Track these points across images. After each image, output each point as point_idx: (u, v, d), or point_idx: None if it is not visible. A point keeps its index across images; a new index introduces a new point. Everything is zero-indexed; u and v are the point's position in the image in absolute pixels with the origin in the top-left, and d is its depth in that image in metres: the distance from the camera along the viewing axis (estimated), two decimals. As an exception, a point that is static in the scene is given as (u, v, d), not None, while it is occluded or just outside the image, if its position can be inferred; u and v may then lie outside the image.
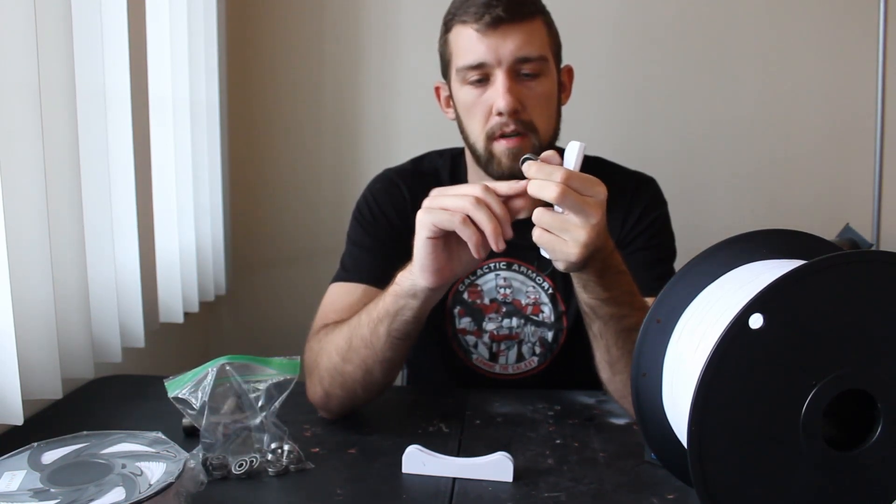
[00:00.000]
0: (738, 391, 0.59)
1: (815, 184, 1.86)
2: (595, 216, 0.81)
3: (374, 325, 0.92)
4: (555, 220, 0.82)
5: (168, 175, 1.46)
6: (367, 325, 0.93)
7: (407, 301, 0.90)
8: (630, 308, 0.90)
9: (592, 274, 0.87)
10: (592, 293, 0.89)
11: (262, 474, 0.84)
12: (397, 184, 1.18)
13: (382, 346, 0.92)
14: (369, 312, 0.93)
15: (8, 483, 0.69)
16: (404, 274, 0.90)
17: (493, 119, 1.05)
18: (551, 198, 0.80)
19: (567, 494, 0.80)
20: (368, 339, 0.93)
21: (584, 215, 0.81)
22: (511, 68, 1.03)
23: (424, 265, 0.87)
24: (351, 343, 0.94)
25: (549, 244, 0.83)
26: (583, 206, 0.80)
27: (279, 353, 0.92)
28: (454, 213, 0.82)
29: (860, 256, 0.61)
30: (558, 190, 0.79)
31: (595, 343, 0.94)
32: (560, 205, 0.81)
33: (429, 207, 0.85)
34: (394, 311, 0.91)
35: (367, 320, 0.93)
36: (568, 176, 0.80)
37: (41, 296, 0.96)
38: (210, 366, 0.85)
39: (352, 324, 0.95)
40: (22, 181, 0.93)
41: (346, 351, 0.94)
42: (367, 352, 0.93)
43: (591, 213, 0.81)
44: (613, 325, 0.90)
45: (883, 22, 1.78)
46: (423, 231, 0.85)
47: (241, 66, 1.87)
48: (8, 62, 0.89)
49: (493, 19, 1.01)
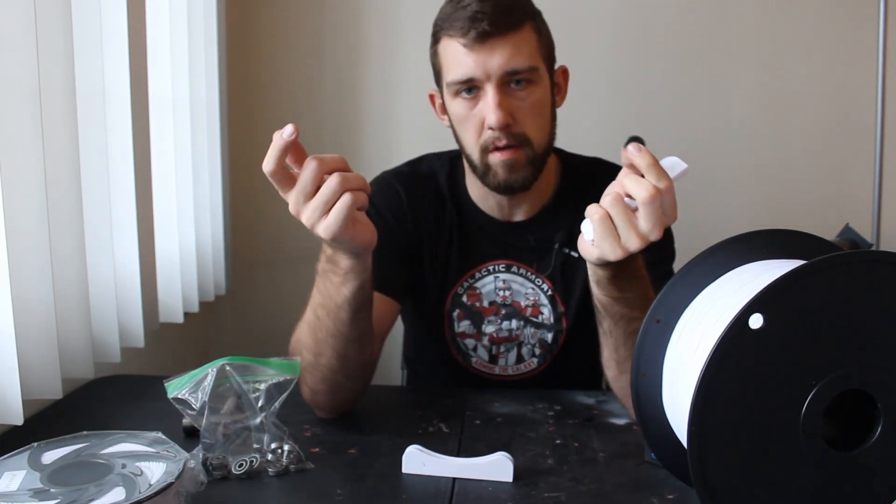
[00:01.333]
0: (738, 391, 0.59)
1: (815, 184, 1.86)
2: (657, 234, 0.80)
3: (335, 315, 0.90)
4: (625, 213, 0.81)
5: (168, 175, 1.46)
6: (326, 317, 0.91)
7: (361, 277, 0.88)
8: (642, 311, 0.88)
9: (610, 272, 0.87)
10: (605, 290, 0.89)
11: (262, 474, 0.84)
12: (394, 186, 1.18)
13: (348, 328, 0.91)
14: (325, 307, 0.91)
15: (8, 483, 0.69)
16: (340, 260, 0.87)
17: (485, 132, 1.04)
18: (648, 193, 0.78)
19: (567, 494, 0.80)
20: (333, 328, 0.91)
21: (652, 227, 0.80)
22: (500, 81, 1.01)
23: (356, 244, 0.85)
24: (317, 337, 0.93)
25: (602, 230, 0.82)
26: (658, 221, 0.80)
27: (279, 353, 0.92)
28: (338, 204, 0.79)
29: (860, 256, 0.61)
30: (654, 190, 0.79)
31: (604, 340, 0.93)
32: (646, 205, 0.79)
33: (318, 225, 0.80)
34: (352, 294, 0.89)
35: (325, 314, 0.91)
36: (670, 187, 0.80)
37: (41, 296, 0.96)
38: (209, 367, 0.85)
39: (310, 322, 0.94)
40: (22, 181, 0.93)
41: (315, 345, 0.94)
42: (336, 340, 0.92)
43: (656, 228, 0.80)
44: (623, 326, 0.90)
45: (883, 22, 1.78)
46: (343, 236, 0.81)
47: (241, 66, 1.87)
48: (8, 62, 0.89)
49: (479, 34, 0.99)
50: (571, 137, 1.25)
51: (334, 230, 0.80)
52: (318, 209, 0.80)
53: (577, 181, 1.18)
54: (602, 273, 0.87)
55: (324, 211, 0.80)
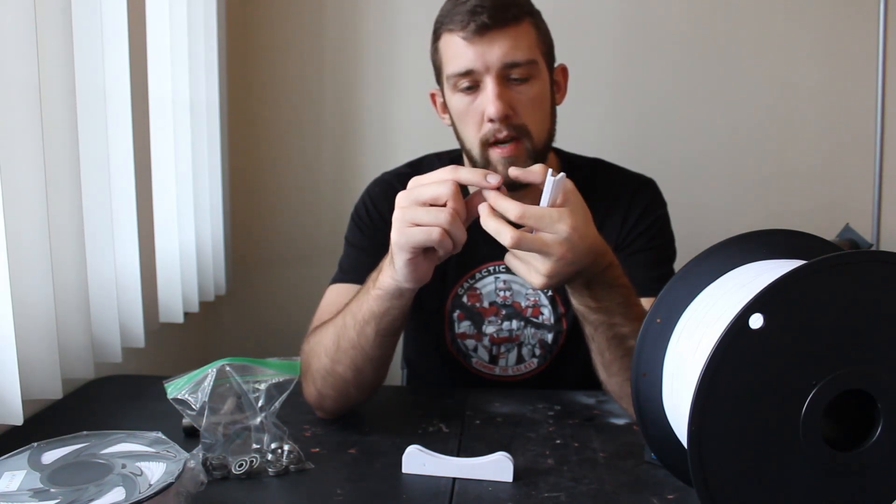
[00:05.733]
0: (738, 391, 0.59)
1: (815, 184, 1.86)
2: (556, 253, 0.80)
3: (360, 327, 0.92)
4: (514, 254, 0.84)
5: (168, 175, 1.46)
6: (352, 327, 0.92)
7: (392, 302, 0.89)
8: (623, 318, 0.89)
9: (578, 286, 0.87)
10: (580, 300, 0.89)
11: (262, 474, 0.84)
12: (395, 187, 1.17)
13: (371, 346, 0.92)
14: (353, 315, 0.92)
15: (8, 483, 0.69)
16: (385, 276, 0.89)
17: (485, 125, 1.04)
18: (507, 244, 0.80)
19: (567, 494, 0.80)
20: (356, 340, 0.92)
21: (544, 254, 0.81)
22: (500, 74, 1.02)
23: (411, 277, 0.86)
24: (339, 345, 0.94)
25: (517, 269, 0.85)
26: (540, 247, 0.80)
27: (279, 353, 0.92)
28: (431, 229, 0.81)
29: (860, 256, 0.61)
30: (512, 238, 0.79)
31: (590, 344, 0.94)
32: (517, 248, 0.81)
33: (402, 228, 0.82)
34: (380, 313, 0.90)
35: (353, 322, 0.92)
36: (522, 214, 0.80)
37: (41, 296, 0.96)
38: (209, 367, 0.85)
39: (337, 325, 0.95)
40: (22, 181, 0.93)
41: (335, 352, 0.94)
42: (356, 352, 0.93)
43: (551, 252, 0.80)
44: (604, 332, 0.90)
45: (883, 22, 1.78)
46: (403, 254, 0.83)
47: (241, 66, 1.87)
48: (8, 62, 0.89)
49: (478, 27, 1.00)
50: (572, 138, 1.25)
51: (411, 242, 0.81)
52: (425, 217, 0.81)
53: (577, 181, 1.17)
54: (571, 287, 0.88)
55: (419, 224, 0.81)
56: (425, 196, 0.82)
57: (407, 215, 0.82)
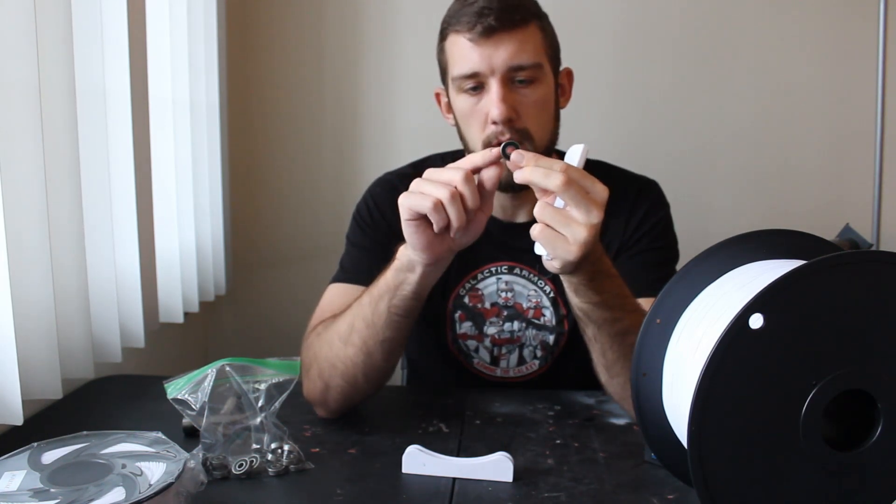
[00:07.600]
0: (738, 391, 0.59)
1: (814, 184, 1.86)
2: (596, 214, 0.81)
3: (375, 303, 0.93)
4: (557, 214, 0.82)
5: (168, 175, 1.46)
6: (368, 304, 0.94)
7: (406, 276, 0.91)
8: (622, 311, 0.90)
9: (584, 277, 0.87)
10: (584, 297, 0.89)
11: (262, 474, 0.84)
12: (397, 187, 1.18)
13: (383, 325, 0.93)
14: (370, 292, 0.95)
15: (8, 483, 0.69)
16: (403, 249, 0.92)
17: (489, 127, 1.04)
18: (556, 185, 0.79)
19: (567, 494, 0.80)
20: (370, 318, 0.93)
21: (587, 211, 0.80)
22: (505, 76, 1.02)
23: (412, 243, 0.88)
24: (353, 325, 0.95)
25: (548, 240, 0.83)
26: (585, 201, 0.80)
27: (279, 353, 0.92)
28: (427, 198, 0.84)
29: (860, 256, 0.61)
30: (563, 178, 0.79)
31: (591, 347, 0.94)
32: (564, 195, 0.80)
33: (410, 191, 0.86)
34: (394, 286, 0.92)
35: (369, 299, 0.94)
36: (568, 167, 0.81)
37: (41, 296, 0.96)
38: (209, 368, 0.85)
39: (353, 307, 0.96)
40: (22, 181, 0.93)
41: (349, 334, 0.95)
42: (369, 332, 0.94)
43: (592, 209, 0.80)
44: (607, 329, 0.90)
45: (883, 22, 1.78)
46: (403, 213, 0.87)
47: (241, 66, 1.87)
48: (8, 62, 0.89)
49: (485, 28, 1.01)
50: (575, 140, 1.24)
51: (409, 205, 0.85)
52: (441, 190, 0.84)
53: None
54: (577, 280, 0.88)
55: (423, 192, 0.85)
56: (441, 177, 0.86)
57: (417, 185, 0.86)
